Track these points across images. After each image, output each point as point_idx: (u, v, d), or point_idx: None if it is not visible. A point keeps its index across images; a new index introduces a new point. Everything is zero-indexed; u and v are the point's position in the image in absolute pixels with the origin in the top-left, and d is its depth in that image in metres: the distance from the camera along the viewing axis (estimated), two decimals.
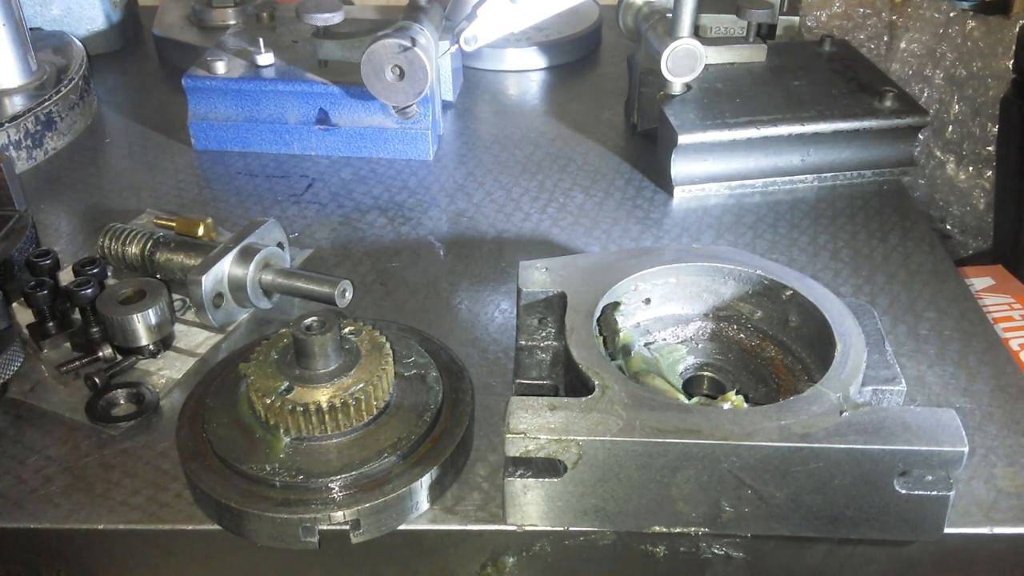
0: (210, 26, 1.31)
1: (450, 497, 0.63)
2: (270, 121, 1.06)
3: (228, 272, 0.76)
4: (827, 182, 1.01)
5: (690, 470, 0.57)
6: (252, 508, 0.58)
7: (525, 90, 1.27)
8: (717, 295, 0.74)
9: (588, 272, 0.71)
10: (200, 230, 0.86)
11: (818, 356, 0.67)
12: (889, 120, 0.99)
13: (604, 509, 0.60)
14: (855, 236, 0.92)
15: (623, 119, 1.17)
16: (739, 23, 1.10)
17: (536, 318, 0.70)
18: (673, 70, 0.99)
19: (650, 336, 0.73)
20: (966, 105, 1.79)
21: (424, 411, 0.64)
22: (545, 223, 0.95)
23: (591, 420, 0.57)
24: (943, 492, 0.57)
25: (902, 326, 0.79)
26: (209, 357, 0.76)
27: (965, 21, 1.76)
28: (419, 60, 0.91)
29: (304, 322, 0.61)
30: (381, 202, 0.99)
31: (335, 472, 0.59)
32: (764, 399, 0.68)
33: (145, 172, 1.05)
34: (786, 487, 0.58)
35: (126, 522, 0.62)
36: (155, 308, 0.72)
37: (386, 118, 1.05)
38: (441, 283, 0.86)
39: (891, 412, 0.58)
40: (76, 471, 0.65)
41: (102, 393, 0.70)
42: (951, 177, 1.83)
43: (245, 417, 0.63)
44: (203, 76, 1.05)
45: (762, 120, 0.97)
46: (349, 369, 0.62)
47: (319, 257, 0.90)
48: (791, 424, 0.57)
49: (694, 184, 0.99)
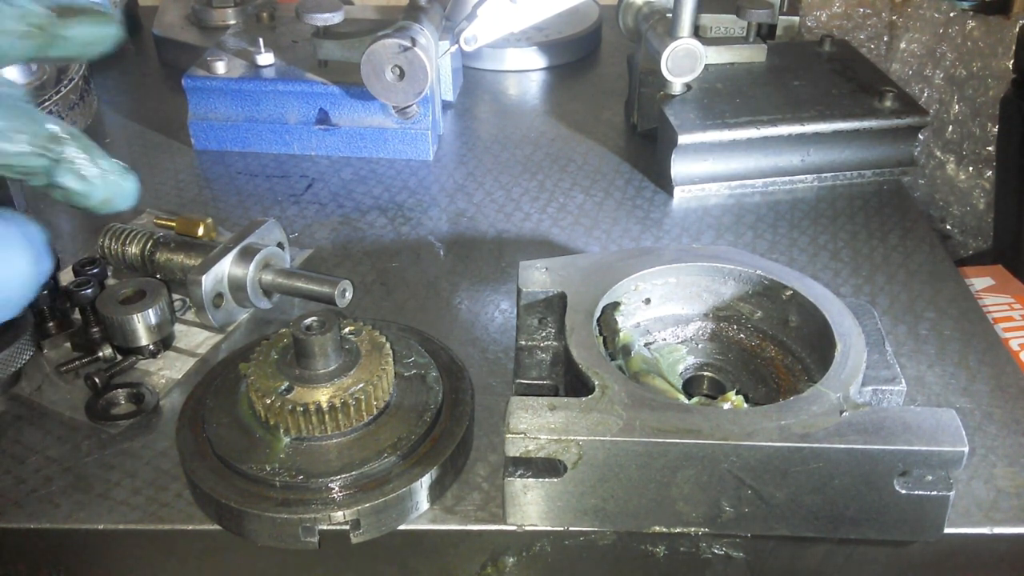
0: (210, 26, 1.31)
1: (450, 497, 0.63)
2: (270, 121, 1.06)
3: (228, 272, 0.76)
4: (827, 182, 1.01)
5: (690, 470, 0.57)
6: (252, 508, 0.58)
7: (525, 90, 1.27)
8: (717, 295, 0.74)
9: (588, 272, 0.71)
10: (200, 230, 0.85)
11: (818, 356, 0.67)
12: (889, 120, 0.99)
13: (604, 509, 0.60)
14: (855, 236, 0.92)
15: (623, 119, 1.17)
16: (739, 23, 1.10)
17: (536, 318, 0.70)
18: (673, 70, 0.99)
19: (650, 336, 0.73)
20: (966, 105, 1.79)
21: (424, 411, 0.64)
22: (545, 223, 0.95)
23: (591, 420, 0.57)
24: (943, 492, 0.57)
25: (902, 326, 0.79)
26: (209, 357, 0.76)
27: (965, 21, 1.76)
28: (419, 60, 0.91)
29: (304, 322, 0.61)
30: (381, 202, 0.99)
31: (335, 472, 0.59)
32: (764, 399, 0.68)
33: (145, 172, 1.05)
34: (786, 487, 0.58)
35: (126, 522, 0.62)
36: (155, 308, 0.72)
37: (386, 118, 1.05)
38: (441, 283, 0.86)
39: (891, 412, 0.58)
40: (76, 471, 0.65)
41: (102, 393, 0.70)
42: (951, 177, 1.82)
43: (245, 417, 0.63)
44: (203, 76, 1.05)
45: (762, 120, 0.97)
46: (349, 369, 0.62)
47: (319, 257, 0.90)
48: (791, 424, 0.57)
49: (694, 184, 0.99)
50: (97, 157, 0.53)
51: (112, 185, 0.54)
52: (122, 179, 0.55)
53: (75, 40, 0.50)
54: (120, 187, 0.54)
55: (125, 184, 0.55)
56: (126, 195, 0.55)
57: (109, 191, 0.54)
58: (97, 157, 0.53)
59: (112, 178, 0.54)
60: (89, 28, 0.51)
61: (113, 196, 0.54)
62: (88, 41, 0.51)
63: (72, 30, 0.50)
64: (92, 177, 0.53)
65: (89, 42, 0.51)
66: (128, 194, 0.55)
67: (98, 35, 0.51)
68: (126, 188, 0.55)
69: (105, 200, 0.54)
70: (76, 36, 0.50)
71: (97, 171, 0.53)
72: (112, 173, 0.54)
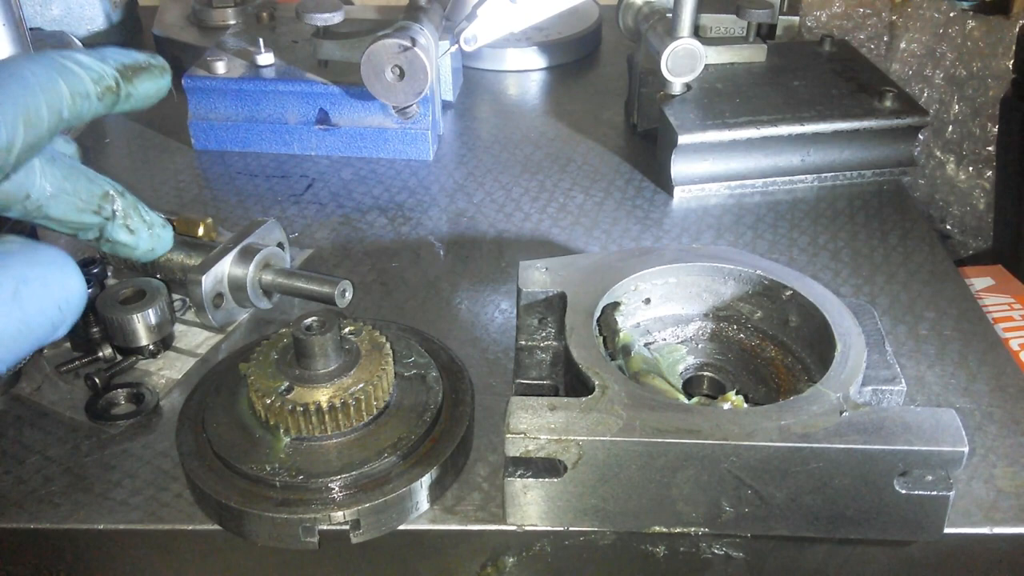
0: (210, 26, 1.31)
1: (450, 497, 0.63)
2: (270, 121, 1.06)
3: (228, 272, 0.76)
4: (827, 182, 1.01)
5: (690, 470, 0.57)
6: (252, 508, 0.58)
7: (525, 90, 1.27)
8: (717, 295, 0.74)
9: (588, 272, 0.71)
10: (200, 230, 0.85)
11: (818, 356, 0.67)
12: (889, 120, 0.99)
13: (604, 509, 0.60)
14: (855, 236, 0.92)
15: (623, 119, 1.17)
16: (739, 23, 1.10)
17: (536, 318, 0.70)
18: (673, 70, 0.99)
19: (650, 336, 0.73)
20: (966, 105, 1.79)
21: (424, 411, 0.64)
22: (545, 223, 0.95)
23: (591, 420, 0.57)
24: (943, 492, 0.57)
25: (902, 326, 0.79)
26: (209, 357, 0.76)
27: (965, 21, 1.76)
28: (419, 60, 0.91)
29: (304, 322, 0.61)
30: (381, 202, 0.99)
31: (335, 472, 0.59)
32: (764, 399, 0.68)
33: (145, 172, 1.05)
34: (786, 487, 0.58)
35: (126, 522, 0.62)
36: (155, 308, 0.72)
37: (386, 118, 1.05)
38: (441, 283, 0.86)
39: (891, 412, 0.58)
40: (76, 471, 0.65)
41: (102, 393, 0.70)
42: (951, 177, 1.83)
43: (245, 417, 0.63)
44: (203, 76, 1.05)
45: (762, 120, 0.97)
46: (349, 369, 0.62)
47: (319, 257, 0.90)
48: (791, 424, 0.57)
49: (694, 184, 0.99)
50: (143, 212, 0.60)
51: (155, 237, 0.61)
52: (163, 231, 0.62)
53: (139, 96, 0.55)
54: (161, 239, 0.62)
55: (164, 235, 0.62)
56: (165, 244, 0.62)
57: (153, 243, 0.61)
58: (143, 212, 0.60)
59: (156, 231, 0.61)
60: (150, 84, 0.56)
61: (156, 247, 0.62)
62: (149, 95, 0.56)
63: (136, 87, 0.54)
64: (139, 231, 0.60)
65: (149, 95, 0.56)
66: (167, 243, 0.62)
67: (156, 88, 0.56)
68: (165, 239, 0.62)
69: (149, 251, 0.61)
70: (140, 92, 0.55)
71: (144, 225, 0.60)
72: (155, 226, 0.61)
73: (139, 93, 0.55)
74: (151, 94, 0.56)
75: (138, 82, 0.54)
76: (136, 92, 0.54)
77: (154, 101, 0.57)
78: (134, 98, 0.54)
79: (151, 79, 0.55)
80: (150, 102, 0.56)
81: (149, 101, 0.56)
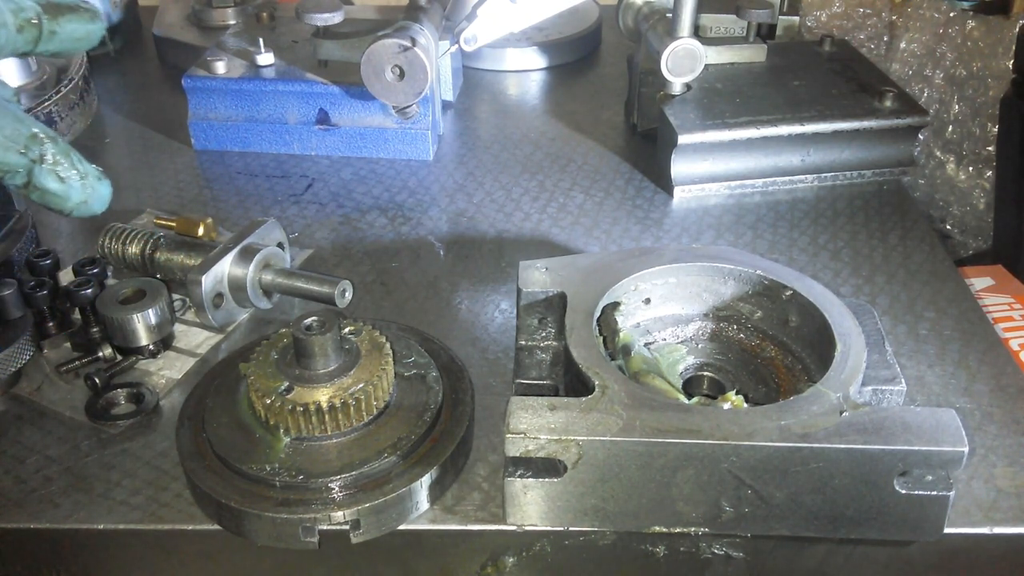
0: (210, 26, 1.31)
1: (450, 497, 0.63)
2: (270, 121, 1.06)
3: (228, 272, 0.76)
4: (827, 182, 1.01)
5: (690, 470, 0.57)
6: (252, 508, 0.58)
7: (525, 90, 1.27)
8: (717, 295, 0.74)
9: (588, 272, 0.71)
10: (200, 230, 0.86)
11: (818, 356, 0.67)
12: (889, 120, 0.99)
13: (604, 509, 0.60)
14: (855, 236, 0.92)
15: (623, 119, 1.17)
16: (739, 23, 1.10)
17: (536, 318, 0.70)
18: (673, 70, 0.99)
19: (650, 336, 0.73)
20: (966, 105, 1.79)
21: (424, 411, 0.64)
22: (545, 223, 0.95)
23: (591, 420, 0.57)
24: (943, 492, 0.57)
25: (902, 326, 0.80)
26: (209, 357, 0.76)
27: (965, 21, 1.76)
28: (419, 60, 0.91)
29: (304, 322, 0.61)
30: (381, 202, 0.99)
31: (335, 472, 0.59)
32: (764, 399, 0.68)
33: (145, 172, 1.05)
34: (786, 487, 0.58)
35: (126, 522, 0.62)
36: (155, 308, 0.72)
37: (386, 118, 1.05)
38: (441, 283, 0.86)
39: (891, 412, 0.58)
40: (76, 471, 0.65)
41: (102, 393, 0.70)
42: (951, 177, 1.82)
43: (245, 417, 0.63)
44: (203, 76, 1.05)
45: (762, 120, 0.97)
46: (349, 369, 0.62)
47: (319, 257, 0.90)
48: (791, 424, 0.57)
49: (694, 184, 0.99)
50: (75, 161, 0.57)
51: (88, 188, 0.58)
52: (98, 183, 0.59)
53: (65, 35, 0.55)
54: (96, 191, 0.59)
55: (101, 188, 0.59)
56: (102, 198, 0.59)
57: (86, 194, 0.58)
58: (75, 161, 0.57)
59: (89, 181, 0.58)
60: (77, 24, 0.56)
61: (89, 199, 0.58)
62: (77, 37, 0.56)
63: (62, 26, 0.55)
64: (70, 179, 0.57)
65: (78, 37, 0.56)
66: (103, 198, 0.59)
67: (85, 31, 0.56)
68: (101, 192, 0.59)
69: (81, 203, 0.58)
70: (65, 32, 0.55)
71: (75, 174, 0.57)
72: (89, 176, 0.58)
73: (64, 32, 0.55)
74: (79, 36, 0.56)
75: (64, 21, 0.54)
76: (61, 31, 0.54)
77: (85, 46, 0.57)
78: (59, 37, 0.55)
79: (79, 21, 0.55)
80: (79, 45, 0.56)
81: (78, 44, 0.56)
